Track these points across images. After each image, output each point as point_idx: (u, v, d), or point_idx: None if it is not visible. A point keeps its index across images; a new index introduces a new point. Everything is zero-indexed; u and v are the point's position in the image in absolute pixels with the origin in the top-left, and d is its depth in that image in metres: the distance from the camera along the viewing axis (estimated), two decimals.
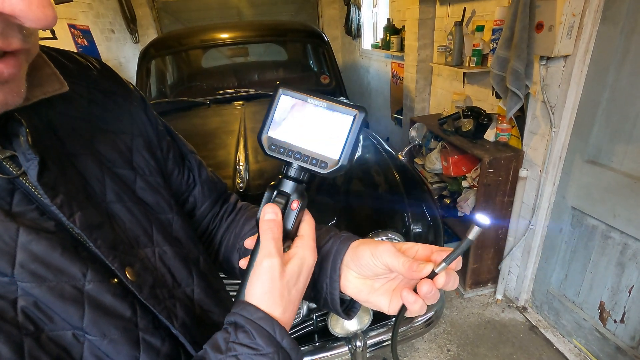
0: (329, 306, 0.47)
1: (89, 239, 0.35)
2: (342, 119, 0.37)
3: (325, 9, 5.41)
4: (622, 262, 1.53)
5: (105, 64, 0.50)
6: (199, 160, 0.58)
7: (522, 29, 1.49)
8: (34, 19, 0.25)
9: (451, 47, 2.20)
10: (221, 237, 0.59)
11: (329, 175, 0.39)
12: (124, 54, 4.43)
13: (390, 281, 0.44)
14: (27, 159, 0.33)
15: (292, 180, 0.41)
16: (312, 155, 0.39)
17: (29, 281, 0.31)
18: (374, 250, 0.41)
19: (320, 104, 0.38)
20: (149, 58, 2.35)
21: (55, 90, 0.36)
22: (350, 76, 5.18)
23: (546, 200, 1.80)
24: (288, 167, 0.41)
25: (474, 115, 2.01)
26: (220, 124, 1.95)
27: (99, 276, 0.35)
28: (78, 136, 0.41)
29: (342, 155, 0.38)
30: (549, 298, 1.95)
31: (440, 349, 1.91)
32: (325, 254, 0.46)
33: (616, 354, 1.62)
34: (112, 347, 0.35)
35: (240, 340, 0.36)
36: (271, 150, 0.40)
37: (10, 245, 0.31)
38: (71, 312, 0.33)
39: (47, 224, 0.34)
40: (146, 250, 0.42)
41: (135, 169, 0.46)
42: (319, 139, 0.39)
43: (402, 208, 1.39)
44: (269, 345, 0.36)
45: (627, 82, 1.38)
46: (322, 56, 2.55)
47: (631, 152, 1.41)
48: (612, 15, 1.37)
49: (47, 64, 0.37)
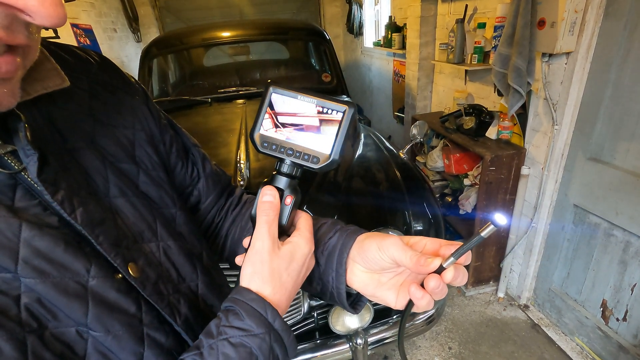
0: (335, 300, 0.46)
1: (91, 235, 0.35)
2: (332, 114, 0.38)
3: (327, 7, 5.40)
4: (624, 260, 1.52)
5: (105, 57, 0.50)
6: (202, 153, 0.58)
7: (523, 26, 1.48)
8: (45, 17, 0.24)
9: (453, 44, 2.20)
10: (227, 230, 0.59)
11: (320, 170, 0.40)
12: (126, 52, 4.44)
13: (397, 276, 0.43)
14: (26, 154, 0.33)
15: (284, 176, 0.42)
16: (303, 151, 0.40)
17: (33, 277, 0.31)
18: (381, 243, 0.41)
19: (310, 100, 0.39)
20: (151, 57, 2.35)
21: (56, 85, 0.36)
22: (352, 74, 5.17)
23: (548, 198, 1.79)
24: (281, 164, 0.42)
25: (475, 113, 2.00)
26: (222, 122, 1.96)
27: (103, 272, 0.35)
28: (79, 131, 0.40)
29: (333, 150, 0.39)
30: (551, 296, 1.95)
31: (442, 346, 1.91)
32: (332, 248, 0.46)
33: (618, 352, 1.62)
34: (116, 343, 0.35)
35: (231, 323, 0.36)
36: (264, 148, 0.41)
37: (13, 241, 0.31)
38: (75, 309, 0.33)
39: (50, 219, 0.34)
40: (150, 245, 0.42)
41: (137, 163, 0.45)
42: (310, 135, 0.39)
43: (403, 206, 1.39)
44: (259, 326, 0.36)
45: (630, 79, 1.37)
46: (323, 54, 2.55)
47: (634, 150, 1.40)
48: (614, 11, 1.36)
49: (48, 58, 0.37)
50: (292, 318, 1.30)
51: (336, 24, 5.46)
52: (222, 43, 2.52)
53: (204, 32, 2.52)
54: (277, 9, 5.26)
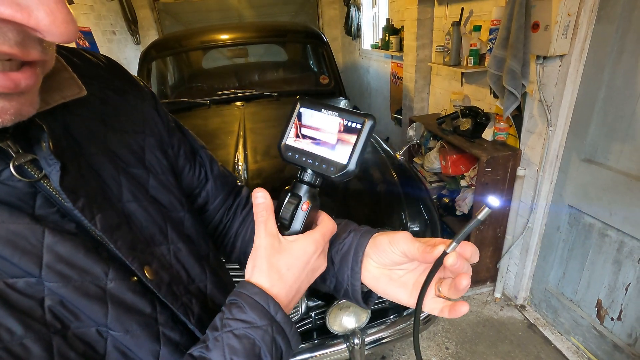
0: (349, 296, 0.49)
1: (110, 240, 0.36)
2: (352, 126, 0.40)
3: (325, 10, 5.43)
4: (618, 260, 1.54)
5: (114, 61, 0.50)
6: (210, 155, 0.59)
7: (518, 29, 1.50)
8: (56, 34, 0.25)
9: (449, 47, 2.22)
10: (237, 230, 0.60)
11: (337, 178, 0.41)
12: (125, 55, 4.45)
13: (409, 273, 0.45)
14: (48, 164, 0.33)
15: (305, 184, 0.44)
16: (323, 161, 0.42)
17: (56, 281, 0.32)
18: (392, 238, 0.44)
19: (333, 113, 0.41)
20: (149, 59, 2.37)
21: (74, 95, 0.37)
22: (350, 76, 5.19)
23: (543, 198, 1.81)
24: (303, 172, 0.44)
25: (472, 115, 2.02)
26: (220, 124, 1.97)
27: (120, 275, 0.36)
28: (93, 137, 0.41)
29: (350, 160, 0.40)
30: (547, 296, 1.96)
31: (439, 346, 1.92)
32: (347, 247, 0.48)
33: (613, 352, 1.63)
34: (135, 341, 0.36)
35: (234, 316, 0.38)
36: (287, 157, 0.44)
37: (37, 247, 0.32)
38: (95, 310, 0.34)
39: (68, 226, 0.35)
40: (162, 248, 0.43)
41: (148, 168, 0.46)
42: (330, 145, 0.41)
43: (399, 207, 1.41)
44: (262, 318, 0.37)
45: (623, 81, 1.39)
46: (321, 56, 2.57)
47: (627, 151, 1.42)
48: (607, 14, 1.39)
49: (66, 68, 0.37)
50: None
51: (334, 26, 5.49)
52: (220, 45, 2.54)
53: (202, 34, 2.53)
54: (275, 11, 5.28)
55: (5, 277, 0.30)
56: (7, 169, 0.32)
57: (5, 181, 0.32)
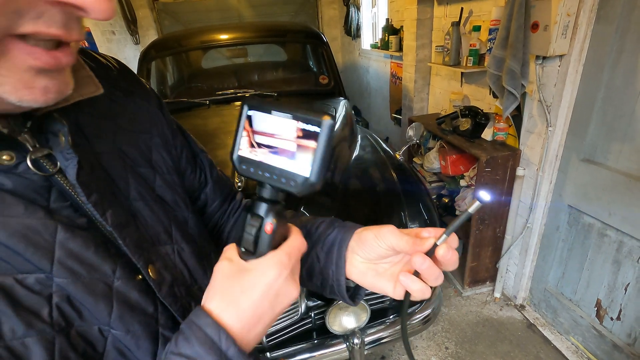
0: (335, 293, 0.48)
1: (119, 236, 0.36)
2: (309, 130, 0.33)
3: (325, 10, 5.42)
4: (618, 260, 1.54)
5: (123, 64, 0.51)
6: (209, 159, 0.60)
7: (517, 29, 1.50)
8: (100, 12, 0.27)
9: (449, 47, 2.22)
10: (228, 233, 0.61)
11: (300, 193, 0.35)
12: (125, 55, 4.45)
13: (394, 265, 0.45)
14: (65, 158, 0.34)
15: (265, 201, 0.37)
16: (282, 174, 0.35)
17: (65, 277, 0.32)
18: (378, 232, 0.43)
19: (285, 115, 0.34)
20: (149, 59, 2.36)
21: (91, 93, 0.38)
22: (350, 76, 5.19)
23: (543, 198, 1.81)
24: (261, 188, 0.37)
25: (471, 115, 2.02)
26: (220, 124, 1.97)
27: (126, 273, 0.37)
28: (103, 135, 0.42)
29: (312, 171, 0.33)
30: (547, 296, 1.96)
31: (439, 346, 1.92)
32: (331, 242, 0.48)
33: (613, 351, 1.63)
34: (134, 341, 0.36)
35: (179, 349, 0.33)
36: (243, 171, 0.37)
37: (50, 242, 0.32)
38: (101, 308, 0.34)
39: (80, 221, 0.35)
40: (166, 248, 0.43)
41: (154, 167, 0.47)
42: (289, 154, 0.34)
43: (399, 207, 1.41)
44: (209, 354, 0.32)
45: (622, 81, 1.39)
46: (321, 56, 2.56)
47: (626, 151, 1.42)
48: (606, 15, 1.39)
49: (83, 66, 0.38)
50: (290, 318, 1.31)
51: (334, 26, 5.49)
52: (220, 45, 2.53)
53: (202, 34, 2.53)
54: (275, 11, 5.28)
55: (15, 272, 0.31)
56: (24, 162, 0.33)
57: (22, 174, 0.33)
